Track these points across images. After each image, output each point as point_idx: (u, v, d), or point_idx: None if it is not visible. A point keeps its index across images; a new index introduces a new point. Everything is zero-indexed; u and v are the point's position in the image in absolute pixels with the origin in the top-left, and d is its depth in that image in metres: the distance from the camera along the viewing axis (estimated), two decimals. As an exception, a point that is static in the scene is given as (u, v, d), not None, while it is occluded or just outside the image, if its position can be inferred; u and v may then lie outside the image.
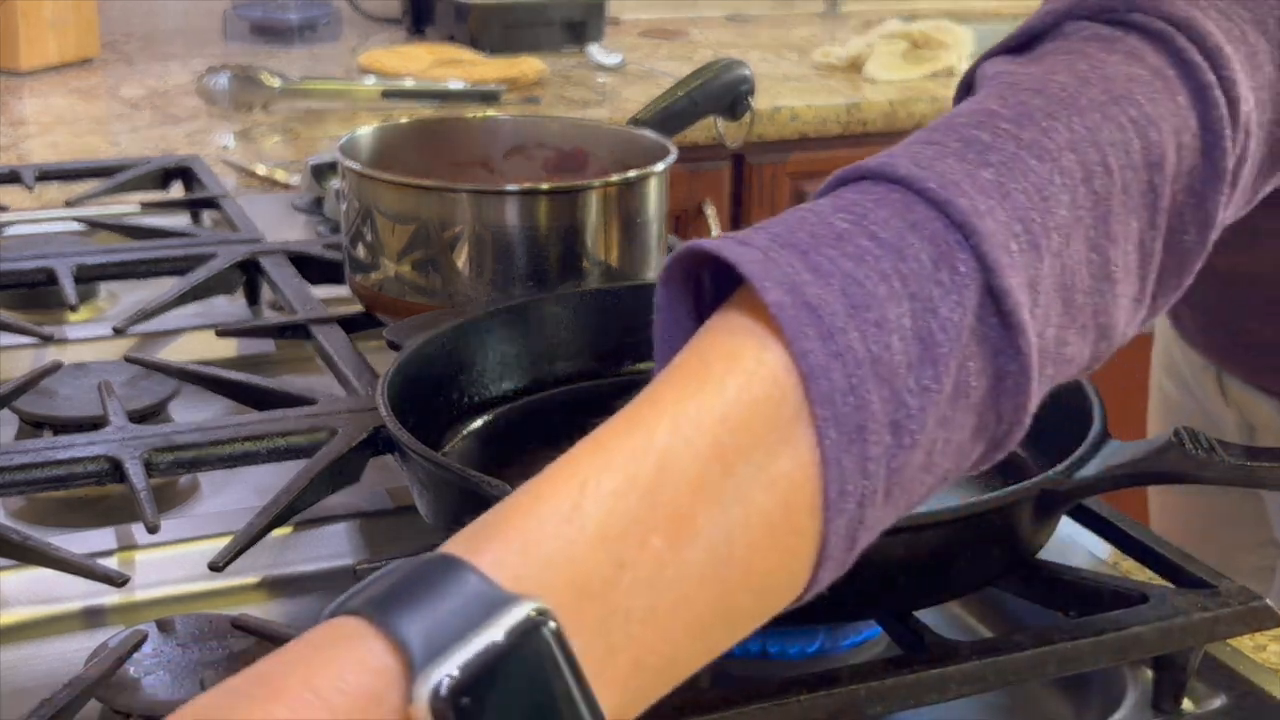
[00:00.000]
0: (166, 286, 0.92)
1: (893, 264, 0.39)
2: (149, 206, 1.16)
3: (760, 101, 1.02)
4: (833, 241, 0.39)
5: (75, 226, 1.09)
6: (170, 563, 0.65)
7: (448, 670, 0.31)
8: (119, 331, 0.87)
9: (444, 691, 0.30)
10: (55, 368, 0.78)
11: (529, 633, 0.32)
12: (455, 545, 0.34)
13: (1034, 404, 0.42)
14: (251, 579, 0.65)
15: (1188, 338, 0.95)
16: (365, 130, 0.89)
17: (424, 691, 0.31)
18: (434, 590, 0.32)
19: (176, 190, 1.21)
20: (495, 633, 0.32)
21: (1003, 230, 0.40)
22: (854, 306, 0.38)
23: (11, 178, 1.19)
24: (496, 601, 0.32)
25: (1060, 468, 0.55)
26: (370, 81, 1.71)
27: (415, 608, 0.32)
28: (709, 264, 0.41)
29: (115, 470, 0.65)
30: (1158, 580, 0.59)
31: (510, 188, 0.79)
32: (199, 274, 0.93)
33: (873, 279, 0.38)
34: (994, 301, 0.40)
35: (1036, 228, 0.41)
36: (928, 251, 0.40)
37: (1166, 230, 0.45)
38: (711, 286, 0.42)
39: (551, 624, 0.32)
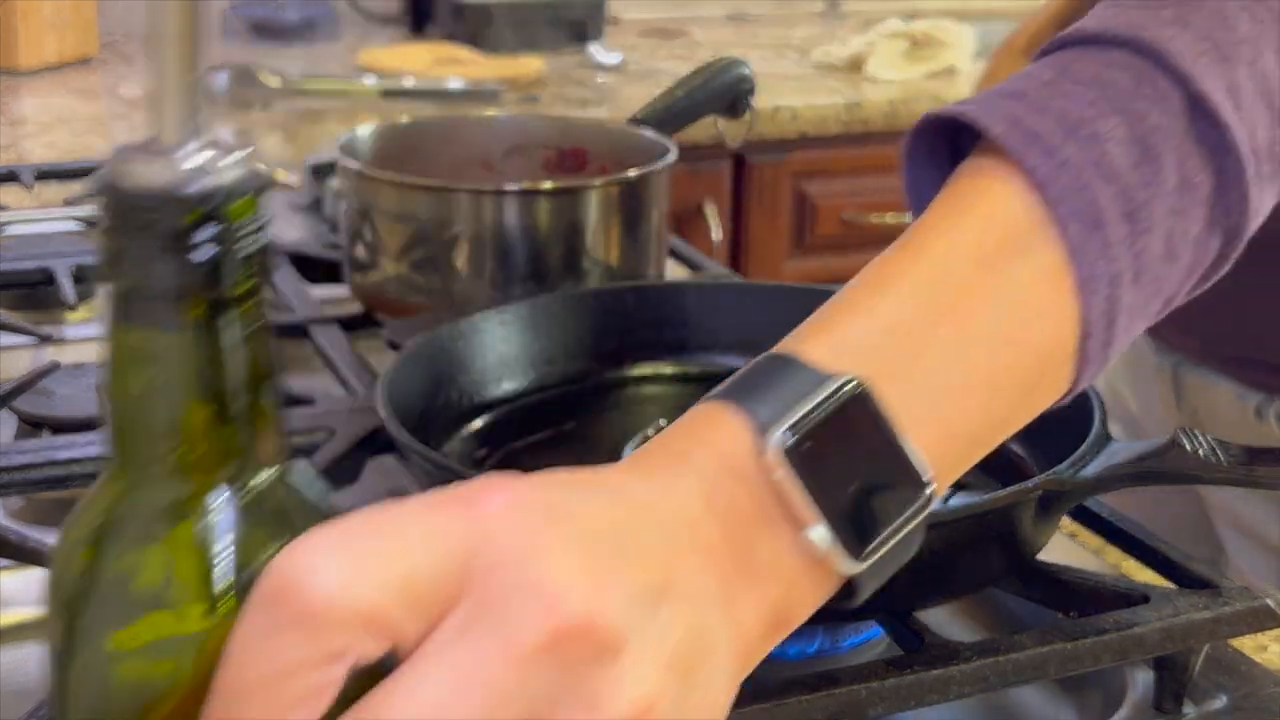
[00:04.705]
0: (166, 286, 0.91)
1: (1098, 93, 0.45)
2: (148, 206, 1.16)
3: (761, 101, 1.02)
4: (1040, 88, 0.46)
5: (74, 226, 1.09)
6: (169, 563, 0.65)
7: (787, 425, 0.38)
8: (118, 331, 0.87)
9: (788, 442, 0.38)
10: (53, 368, 0.78)
11: (848, 396, 0.39)
12: (780, 347, 0.42)
13: (1258, 196, 0.47)
14: (251, 579, 0.65)
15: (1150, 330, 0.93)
16: (364, 129, 0.89)
17: (772, 442, 0.38)
18: (769, 377, 0.40)
19: (176, 190, 1.20)
20: (820, 397, 0.39)
21: (1191, 48, 0.46)
22: (1068, 129, 0.44)
23: (10, 177, 1.19)
24: (819, 377, 0.40)
25: (1061, 468, 0.55)
26: (370, 81, 1.71)
27: (757, 390, 0.39)
28: (943, 136, 0.48)
29: (114, 470, 0.65)
30: (1159, 580, 0.59)
31: (510, 187, 0.79)
32: (198, 274, 0.92)
33: (1081, 106, 0.45)
34: (1197, 105, 0.45)
35: (1223, 42, 0.47)
36: (1127, 78, 0.46)
37: None
38: (948, 160, 0.48)
39: (866, 389, 0.39)
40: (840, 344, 0.41)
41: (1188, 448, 0.56)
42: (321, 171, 1.14)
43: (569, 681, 0.32)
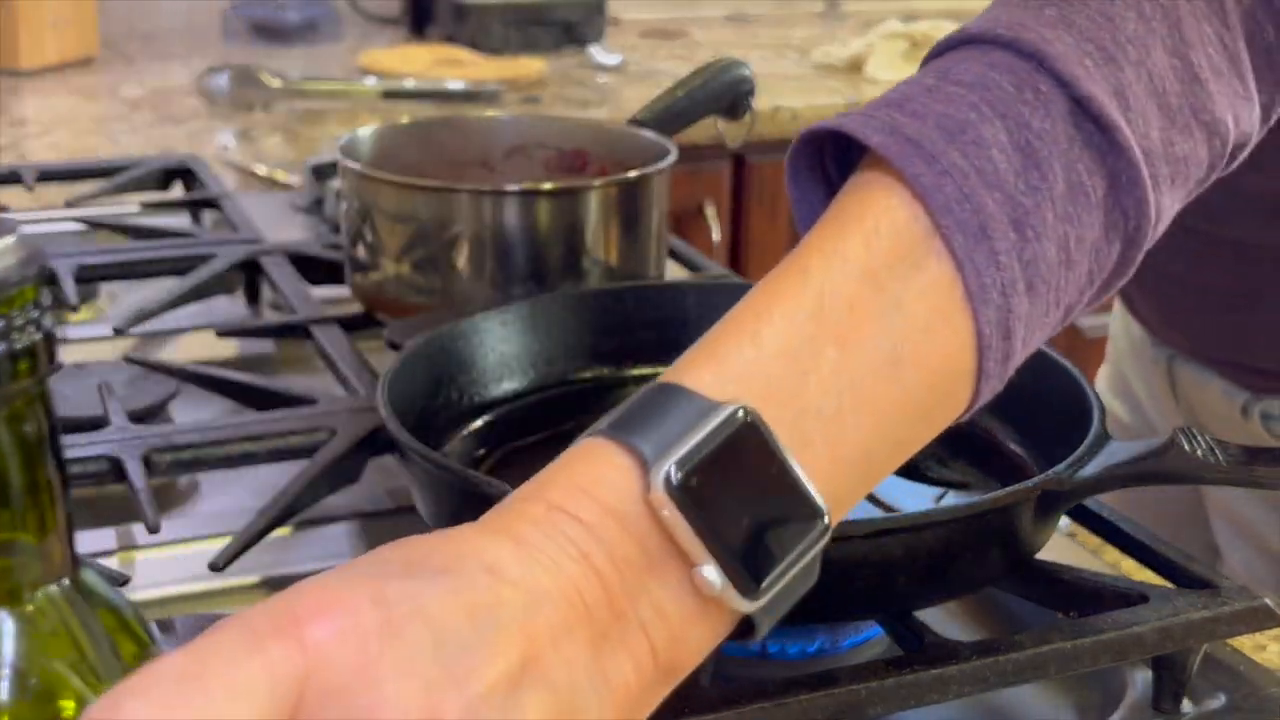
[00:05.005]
0: (167, 287, 0.92)
1: (979, 97, 0.44)
2: (149, 206, 1.16)
3: (760, 101, 1.02)
4: (923, 94, 0.45)
5: (75, 227, 1.09)
6: (170, 563, 0.65)
7: (674, 460, 0.37)
8: (119, 332, 0.87)
9: (674, 478, 0.36)
10: (55, 368, 0.78)
11: (738, 425, 0.38)
12: (665, 376, 0.41)
13: (1157, 199, 0.46)
14: (252, 579, 0.65)
15: (1142, 318, 0.94)
16: (365, 130, 0.89)
17: (659, 480, 0.36)
18: (654, 409, 0.39)
19: (176, 190, 1.21)
20: (709, 428, 0.38)
21: (1073, 50, 0.45)
22: (949, 134, 0.43)
23: (12, 178, 1.19)
24: (706, 408, 0.38)
25: (1060, 468, 0.55)
26: (370, 81, 1.71)
27: (643, 423, 0.38)
28: (829, 149, 0.47)
29: (115, 470, 0.65)
30: (1158, 580, 0.59)
31: (510, 188, 0.79)
32: (199, 274, 0.93)
33: (963, 111, 0.44)
34: (1082, 109, 0.44)
35: (1108, 43, 0.45)
36: (1009, 80, 0.44)
37: (1245, 32, 0.49)
38: (838, 175, 0.47)
39: (755, 418, 0.38)
40: (727, 372, 0.40)
41: (1187, 448, 0.56)
42: (322, 172, 1.14)
43: None
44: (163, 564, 0.65)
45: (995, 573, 0.56)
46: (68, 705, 0.31)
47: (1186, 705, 0.56)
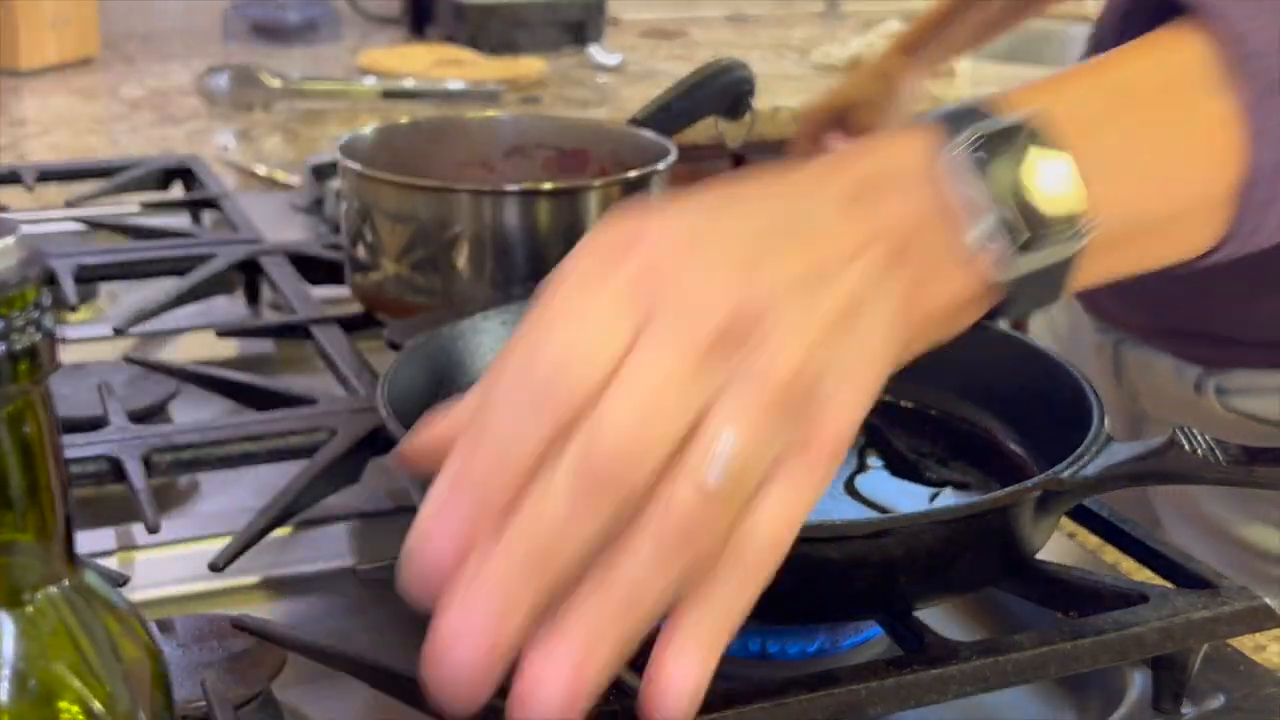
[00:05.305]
0: (166, 287, 0.92)
1: None
2: (149, 206, 1.16)
3: (760, 101, 1.02)
4: None
5: (75, 227, 1.09)
6: (170, 563, 0.65)
7: (970, 129, 0.43)
8: (119, 332, 0.87)
9: (970, 144, 0.43)
10: (54, 368, 0.78)
11: (1030, 122, 0.44)
12: (972, 103, 0.46)
13: None
14: (251, 579, 0.65)
15: (1093, 302, 0.94)
16: (365, 130, 0.89)
17: (956, 142, 0.43)
18: (961, 108, 0.44)
19: (176, 190, 1.21)
20: (1005, 120, 0.44)
21: None
22: (1265, 3, 0.47)
23: (11, 178, 1.19)
24: (1006, 115, 0.44)
25: (1060, 468, 0.55)
26: (370, 81, 1.71)
27: (953, 118, 0.44)
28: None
29: (115, 470, 0.65)
30: (1157, 580, 0.59)
31: (510, 188, 0.79)
32: (199, 274, 0.93)
33: None
34: None
35: None
36: None
37: None
38: None
39: (1047, 124, 0.44)
40: (1025, 105, 0.45)
41: (1187, 448, 0.56)
42: (322, 172, 1.14)
43: (735, 369, 0.38)
44: (163, 564, 0.65)
45: (995, 573, 0.56)
46: (68, 707, 0.31)
47: (1186, 705, 0.56)
